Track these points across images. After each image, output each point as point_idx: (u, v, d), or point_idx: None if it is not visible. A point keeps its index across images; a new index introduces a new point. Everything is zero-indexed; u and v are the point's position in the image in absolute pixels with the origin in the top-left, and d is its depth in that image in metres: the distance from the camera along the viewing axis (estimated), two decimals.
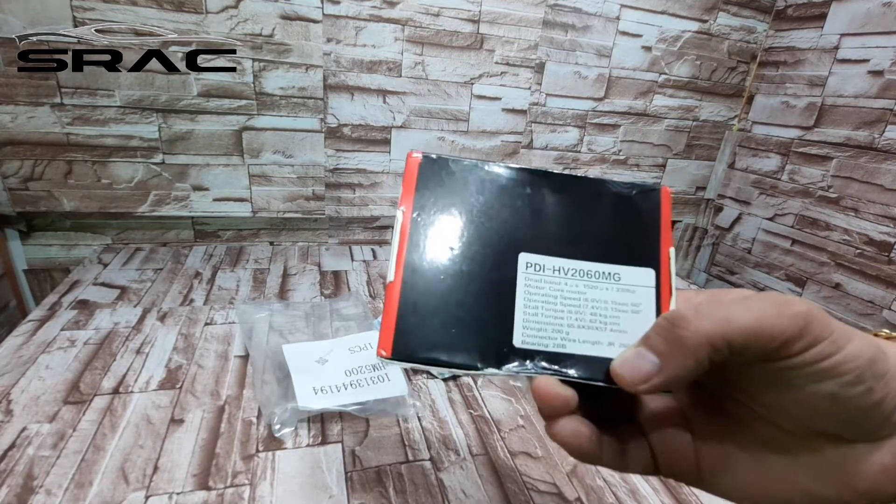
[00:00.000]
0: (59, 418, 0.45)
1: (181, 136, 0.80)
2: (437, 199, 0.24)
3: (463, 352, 0.21)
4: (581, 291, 0.23)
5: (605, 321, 0.23)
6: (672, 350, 0.19)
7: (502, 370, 0.22)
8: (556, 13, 0.90)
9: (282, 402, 0.47)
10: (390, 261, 0.23)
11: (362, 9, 0.81)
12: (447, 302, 0.22)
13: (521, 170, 0.25)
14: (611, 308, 0.23)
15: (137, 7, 0.71)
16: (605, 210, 0.25)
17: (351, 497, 0.40)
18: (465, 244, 0.23)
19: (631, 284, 0.23)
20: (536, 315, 0.22)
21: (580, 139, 1.02)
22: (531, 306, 0.22)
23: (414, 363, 0.21)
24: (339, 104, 0.86)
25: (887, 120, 0.84)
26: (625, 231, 0.25)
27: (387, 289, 0.22)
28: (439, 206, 0.24)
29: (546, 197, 0.25)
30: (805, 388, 0.18)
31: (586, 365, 0.22)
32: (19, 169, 0.76)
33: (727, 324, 0.18)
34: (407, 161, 0.24)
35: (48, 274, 0.86)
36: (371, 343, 0.58)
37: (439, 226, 0.23)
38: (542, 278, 0.23)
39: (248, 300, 0.70)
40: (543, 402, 0.21)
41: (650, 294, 0.23)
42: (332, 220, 0.95)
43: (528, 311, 0.22)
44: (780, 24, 1.02)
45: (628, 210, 0.25)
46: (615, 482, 0.44)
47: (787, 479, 0.20)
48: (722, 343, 0.18)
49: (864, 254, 0.88)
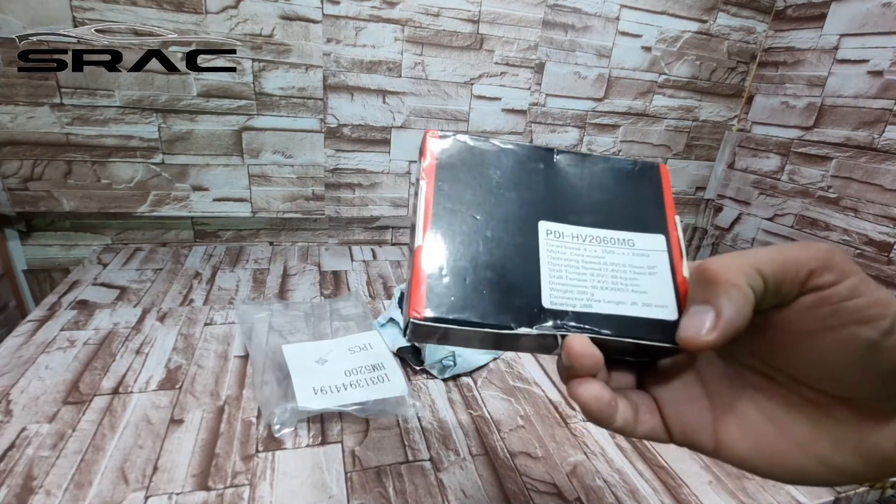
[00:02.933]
0: (59, 418, 0.45)
1: (181, 136, 0.80)
2: (457, 172, 0.25)
3: (495, 313, 0.22)
4: (600, 256, 0.24)
5: (625, 282, 0.23)
6: (714, 290, 0.19)
7: (534, 329, 0.22)
8: (556, 13, 0.90)
9: (281, 403, 0.47)
10: (417, 226, 0.23)
11: (362, 9, 0.81)
12: (476, 265, 0.23)
13: (534, 147, 0.26)
14: (629, 271, 0.24)
15: (137, 7, 0.71)
16: (613, 184, 0.26)
17: (351, 497, 0.40)
18: (487, 213, 0.24)
19: (645, 249, 0.24)
20: (561, 278, 0.23)
21: (580, 139, 1.02)
22: (555, 270, 0.23)
23: (447, 324, 0.21)
24: (339, 104, 0.86)
25: (887, 120, 0.84)
26: (633, 202, 0.26)
27: (414, 253, 0.23)
28: (461, 179, 0.25)
29: (558, 171, 0.26)
30: (843, 330, 0.18)
31: (615, 324, 0.22)
32: (19, 169, 0.76)
33: (754, 257, 0.19)
34: (424, 138, 0.25)
35: (48, 274, 0.86)
36: (371, 343, 0.58)
37: (462, 195, 0.24)
38: (563, 244, 0.24)
39: (247, 300, 0.70)
40: (577, 360, 0.21)
41: (664, 257, 0.24)
42: (331, 220, 0.95)
43: (553, 273, 0.23)
44: (780, 24, 1.02)
45: (633, 184, 0.27)
46: (615, 482, 0.44)
47: (805, 446, 0.20)
48: (754, 272, 0.18)
49: (863, 254, 0.88)
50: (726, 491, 0.44)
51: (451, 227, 0.23)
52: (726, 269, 0.19)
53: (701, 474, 0.46)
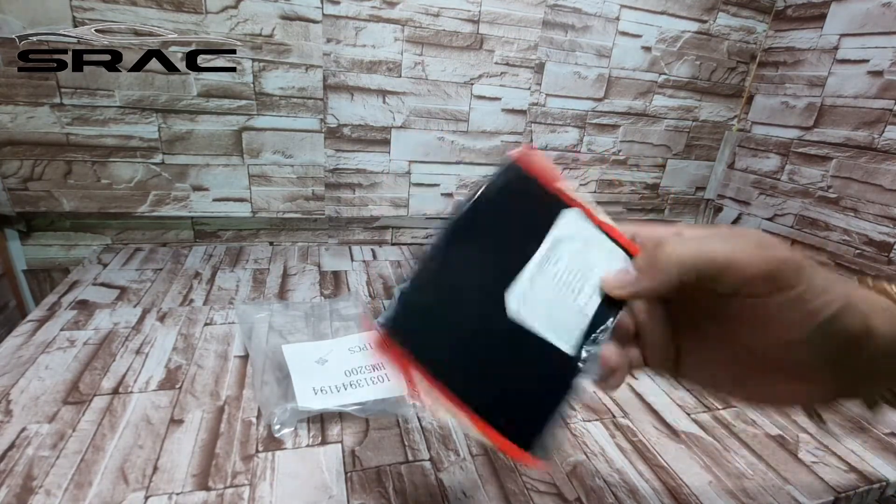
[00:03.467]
0: (59, 418, 0.45)
1: (181, 136, 0.80)
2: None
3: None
4: (554, 274, 0.25)
5: (586, 272, 0.25)
6: (648, 267, 0.23)
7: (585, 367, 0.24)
8: (556, 13, 0.90)
9: (281, 403, 0.47)
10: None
11: (362, 9, 0.81)
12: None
13: (442, 232, 0.25)
14: (581, 261, 0.25)
15: (137, 7, 0.71)
16: (502, 210, 0.25)
17: (351, 497, 0.40)
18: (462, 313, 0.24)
19: (572, 235, 0.25)
20: (557, 321, 0.24)
21: (580, 139, 1.02)
22: (552, 322, 0.24)
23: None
24: (339, 104, 0.86)
25: (887, 120, 0.84)
26: (526, 211, 0.26)
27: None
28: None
29: (467, 237, 0.25)
30: (795, 321, 0.21)
31: (609, 308, 0.24)
32: (19, 169, 0.76)
33: (700, 253, 0.21)
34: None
35: (48, 274, 0.86)
36: (371, 343, 0.58)
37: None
38: (532, 295, 0.24)
39: (247, 300, 0.70)
40: (616, 366, 0.25)
41: (588, 227, 0.26)
42: (331, 220, 0.95)
43: (551, 326, 0.24)
44: (780, 24, 1.02)
45: (510, 193, 0.26)
46: (615, 482, 0.44)
47: (742, 388, 0.25)
48: (691, 269, 0.21)
49: (863, 254, 0.88)
50: (726, 491, 0.44)
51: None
52: (667, 258, 0.22)
53: (701, 474, 0.46)
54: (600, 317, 0.24)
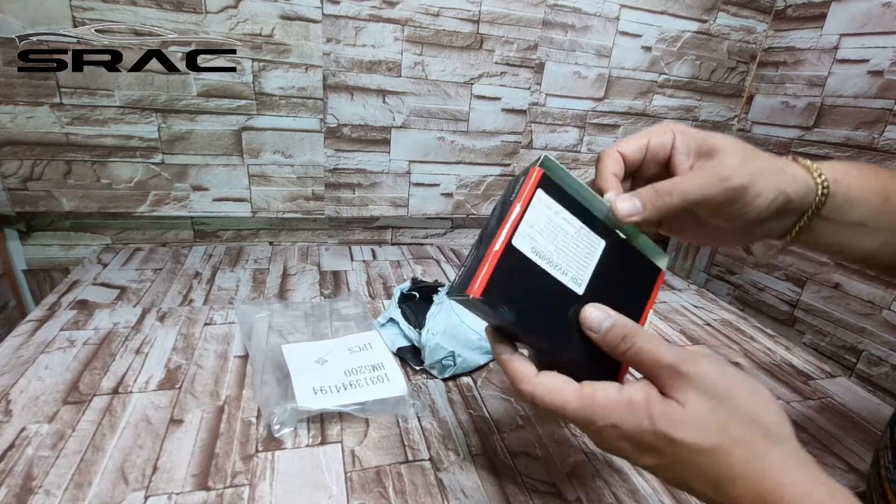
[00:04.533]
0: (59, 418, 0.45)
1: (181, 136, 0.80)
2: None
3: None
4: (558, 224, 0.30)
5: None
6: (651, 203, 0.30)
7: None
8: (556, 13, 0.90)
9: (281, 403, 0.47)
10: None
11: (362, 9, 0.81)
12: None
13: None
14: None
15: (137, 7, 0.71)
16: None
17: (350, 497, 0.40)
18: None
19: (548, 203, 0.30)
20: (565, 257, 0.29)
21: (580, 139, 1.02)
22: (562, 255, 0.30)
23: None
24: (339, 104, 0.86)
25: (887, 120, 0.84)
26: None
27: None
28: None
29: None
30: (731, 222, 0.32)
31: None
32: (19, 169, 0.76)
33: (684, 195, 0.30)
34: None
35: (47, 274, 0.86)
36: (371, 343, 0.58)
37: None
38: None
39: (247, 300, 0.70)
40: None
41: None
42: (331, 220, 0.95)
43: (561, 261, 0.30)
44: (780, 24, 1.02)
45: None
46: (615, 482, 0.44)
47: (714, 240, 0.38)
48: (678, 207, 0.30)
49: None
50: None
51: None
52: (662, 196, 0.30)
53: None
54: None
